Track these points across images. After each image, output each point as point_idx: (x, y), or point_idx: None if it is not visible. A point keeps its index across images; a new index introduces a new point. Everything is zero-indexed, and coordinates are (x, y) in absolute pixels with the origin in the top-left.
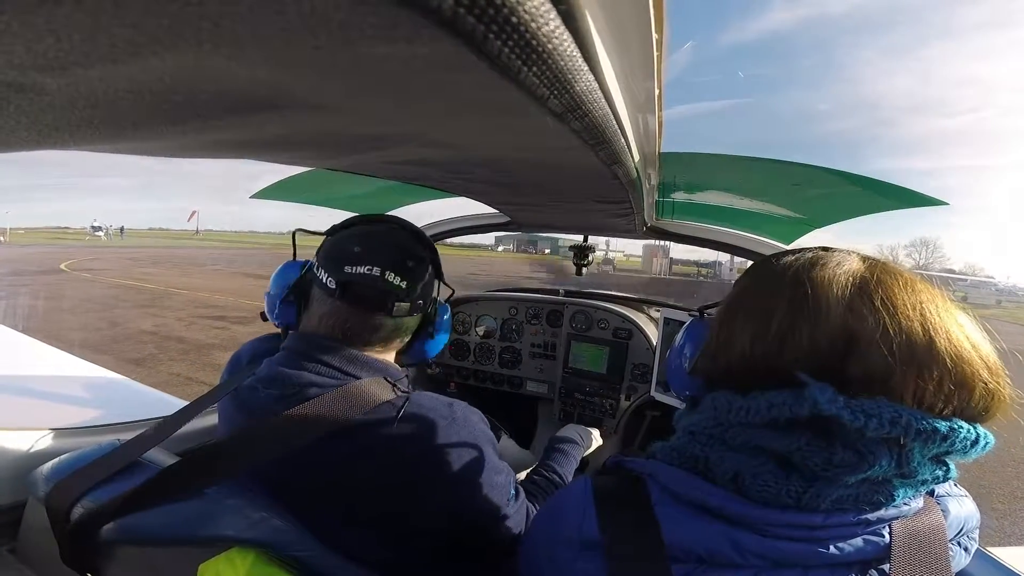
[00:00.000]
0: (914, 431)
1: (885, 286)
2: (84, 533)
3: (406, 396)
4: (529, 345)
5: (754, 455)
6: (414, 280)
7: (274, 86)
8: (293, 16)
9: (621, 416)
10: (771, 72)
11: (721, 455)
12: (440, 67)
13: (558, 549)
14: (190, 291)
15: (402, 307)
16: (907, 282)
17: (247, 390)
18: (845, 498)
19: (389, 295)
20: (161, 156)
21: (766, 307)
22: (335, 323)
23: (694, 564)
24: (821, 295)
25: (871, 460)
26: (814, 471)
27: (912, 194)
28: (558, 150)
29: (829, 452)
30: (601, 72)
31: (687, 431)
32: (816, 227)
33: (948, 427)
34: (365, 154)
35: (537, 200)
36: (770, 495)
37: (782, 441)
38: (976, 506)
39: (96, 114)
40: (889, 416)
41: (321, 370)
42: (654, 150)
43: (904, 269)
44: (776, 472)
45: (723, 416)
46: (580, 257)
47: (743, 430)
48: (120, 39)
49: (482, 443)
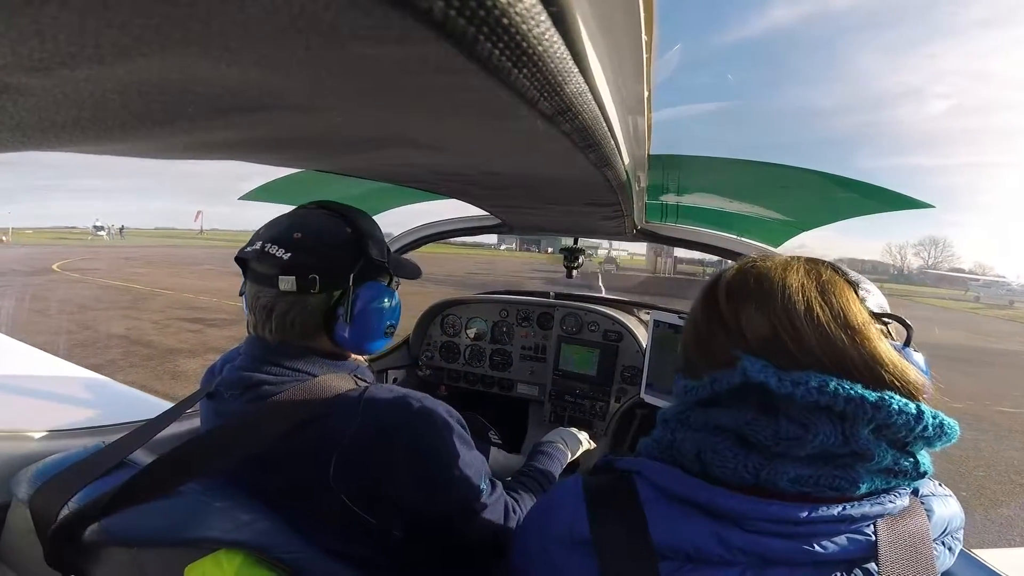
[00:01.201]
0: (842, 399)
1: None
2: (68, 535)
3: (363, 389)
4: (520, 347)
5: (714, 434)
6: (304, 252)
7: (264, 87)
8: (283, 17)
9: (611, 418)
10: (760, 74)
11: (684, 435)
12: (431, 69)
13: (551, 546)
14: (175, 292)
15: (286, 281)
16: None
17: (216, 395)
18: (805, 478)
19: (270, 268)
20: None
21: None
22: (250, 305)
23: (682, 561)
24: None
25: (814, 431)
26: (767, 446)
27: (898, 196)
28: (548, 152)
29: (775, 426)
30: (591, 74)
31: (661, 419)
32: (804, 229)
33: (878, 397)
34: (356, 156)
35: (527, 202)
36: (729, 471)
37: (730, 416)
38: (961, 507)
39: (82, 115)
40: (816, 384)
41: (271, 369)
42: (644, 152)
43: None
44: (735, 450)
45: (683, 398)
46: (571, 259)
47: (701, 412)
48: (107, 40)
49: (444, 433)
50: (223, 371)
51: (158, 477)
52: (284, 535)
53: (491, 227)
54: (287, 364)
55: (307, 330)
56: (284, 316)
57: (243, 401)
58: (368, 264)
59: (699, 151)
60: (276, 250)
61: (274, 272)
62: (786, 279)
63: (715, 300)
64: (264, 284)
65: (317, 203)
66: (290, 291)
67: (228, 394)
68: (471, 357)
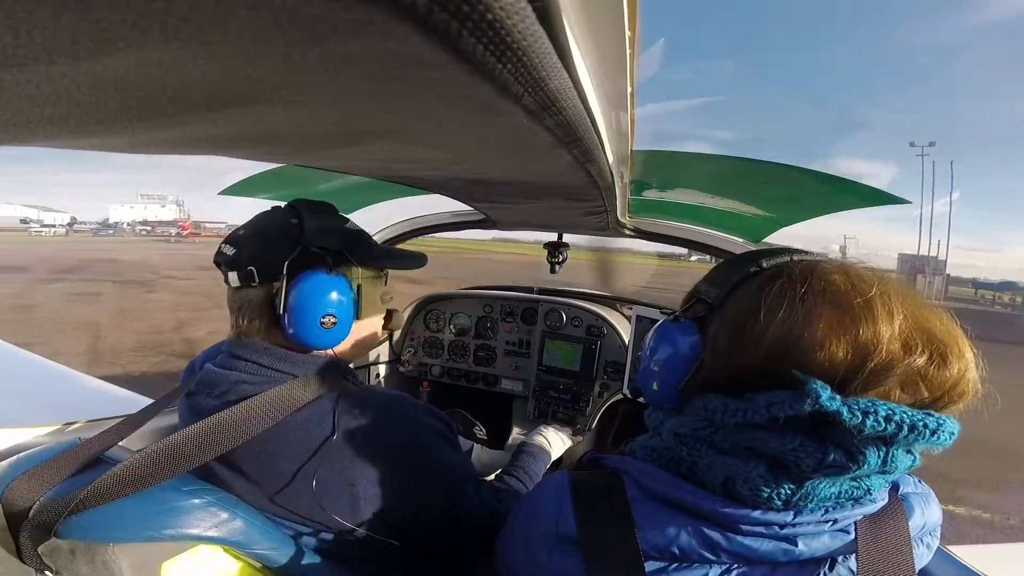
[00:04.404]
0: (907, 427)
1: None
2: (42, 531)
3: (341, 391)
4: (503, 343)
5: (745, 458)
6: (244, 247)
7: (244, 83)
8: (264, 11)
9: (594, 413)
10: (745, 68)
11: (711, 460)
12: (414, 64)
13: (535, 543)
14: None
15: (233, 277)
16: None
17: (194, 392)
18: (828, 497)
19: (223, 265)
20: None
21: (782, 315)
22: (228, 305)
23: (668, 561)
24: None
25: (860, 460)
26: (803, 472)
27: (877, 192)
28: (531, 147)
29: (822, 453)
30: (575, 69)
31: (672, 433)
32: (784, 225)
33: (937, 422)
34: (338, 151)
35: (511, 198)
36: (762, 499)
37: (778, 442)
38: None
39: (57, 111)
40: (884, 413)
41: (250, 368)
42: (627, 148)
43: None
44: (766, 476)
45: (716, 418)
46: (554, 255)
47: (735, 432)
48: (83, 35)
49: (422, 436)
50: (202, 368)
51: (135, 474)
52: (262, 532)
53: (475, 222)
54: (264, 363)
55: (260, 325)
56: (240, 312)
57: (220, 399)
58: (305, 253)
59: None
60: (226, 247)
61: (224, 269)
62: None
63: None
64: (225, 282)
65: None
66: (237, 286)
67: (206, 392)
68: (454, 352)
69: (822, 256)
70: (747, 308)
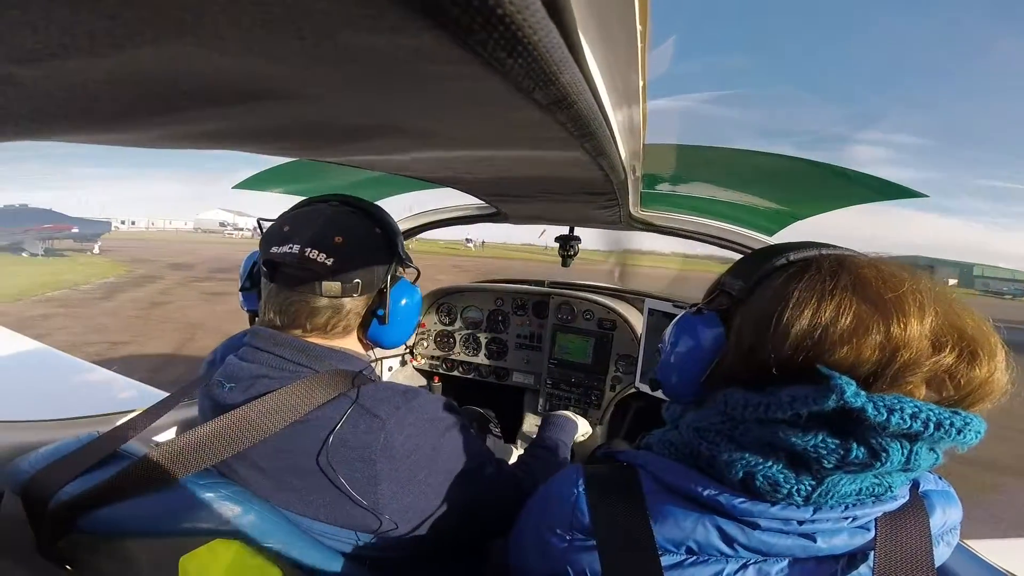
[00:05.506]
0: (933, 424)
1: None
2: (62, 525)
3: (363, 386)
4: (515, 336)
5: (766, 453)
6: (345, 258)
7: (258, 77)
8: (276, 6)
9: (606, 407)
10: (756, 62)
11: (730, 454)
12: (426, 58)
13: (548, 537)
14: None
15: (331, 287)
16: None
17: (215, 385)
18: (849, 493)
19: (312, 274)
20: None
21: (814, 310)
22: (276, 308)
23: (684, 555)
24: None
25: (884, 457)
26: (824, 469)
27: (892, 185)
28: (543, 142)
29: (844, 449)
30: (586, 64)
31: (691, 427)
32: (798, 219)
33: (963, 420)
34: (350, 145)
35: (523, 192)
36: (781, 496)
37: (800, 437)
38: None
39: (74, 107)
40: (911, 411)
41: (272, 361)
42: (639, 142)
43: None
44: (786, 471)
45: (737, 412)
46: (565, 248)
47: (756, 427)
48: (99, 31)
49: (443, 428)
50: (224, 361)
51: (153, 468)
52: (276, 527)
53: (487, 216)
54: (292, 358)
55: (338, 330)
56: (315, 316)
57: (242, 393)
58: (399, 263)
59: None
60: (318, 255)
61: (317, 277)
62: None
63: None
64: (300, 286)
65: (338, 199)
66: (334, 295)
67: (228, 385)
68: (466, 346)
69: (851, 251)
70: (774, 301)
